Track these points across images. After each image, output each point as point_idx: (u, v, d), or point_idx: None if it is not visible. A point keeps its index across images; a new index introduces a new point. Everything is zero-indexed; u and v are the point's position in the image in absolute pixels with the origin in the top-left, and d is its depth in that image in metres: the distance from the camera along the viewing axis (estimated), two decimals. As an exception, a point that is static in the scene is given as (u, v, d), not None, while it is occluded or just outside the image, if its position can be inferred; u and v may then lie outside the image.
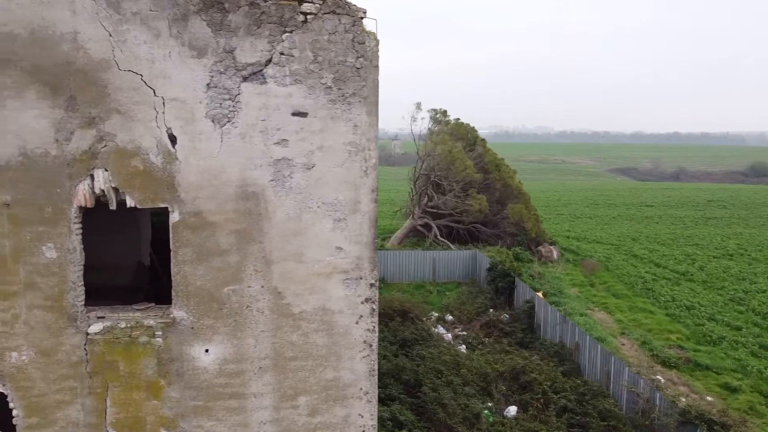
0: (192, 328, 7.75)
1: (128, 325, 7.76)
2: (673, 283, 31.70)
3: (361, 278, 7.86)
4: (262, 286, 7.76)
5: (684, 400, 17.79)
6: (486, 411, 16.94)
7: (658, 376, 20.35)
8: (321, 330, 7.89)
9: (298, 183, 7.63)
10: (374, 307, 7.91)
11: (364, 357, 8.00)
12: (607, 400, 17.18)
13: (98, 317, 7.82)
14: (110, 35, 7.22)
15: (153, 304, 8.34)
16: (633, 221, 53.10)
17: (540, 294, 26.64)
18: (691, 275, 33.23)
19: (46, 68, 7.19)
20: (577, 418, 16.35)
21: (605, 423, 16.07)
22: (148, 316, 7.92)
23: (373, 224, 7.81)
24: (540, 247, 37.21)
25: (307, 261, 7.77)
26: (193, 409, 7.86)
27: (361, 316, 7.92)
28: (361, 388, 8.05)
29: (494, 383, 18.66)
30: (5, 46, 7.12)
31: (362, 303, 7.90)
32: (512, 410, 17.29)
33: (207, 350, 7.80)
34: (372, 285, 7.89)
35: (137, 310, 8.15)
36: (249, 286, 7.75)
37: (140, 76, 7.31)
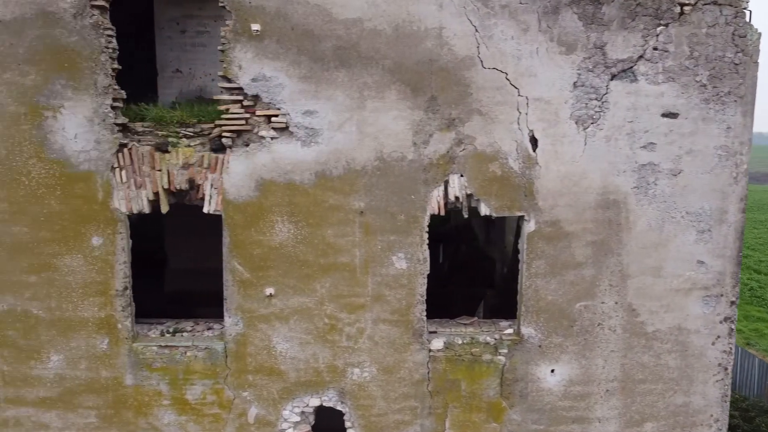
0: (539, 346, 7.17)
1: (464, 342, 7.23)
2: (781, 291, 30.18)
3: (721, 295, 7.17)
4: (616, 303, 7.14)
5: None
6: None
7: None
8: (674, 351, 7.23)
9: (662, 190, 6.98)
10: (733, 326, 7.22)
11: (717, 381, 7.31)
12: (778, 418, 16.15)
13: (430, 332, 7.31)
14: (476, 30, 6.67)
15: (475, 318, 7.81)
16: (713, 225, 51.04)
17: None
18: (798, 283, 31.62)
19: (408, 66, 6.70)
20: None
21: None
22: (482, 332, 7.38)
23: (739, 236, 7.11)
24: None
25: (665, 276, 7.11)
26: (534, 434, 7.30)
27: (718, 337, 7.23)
28: (711, 415, 7.37)
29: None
30: (369, 43, 6.65)
31: (721, 322, 7.21)
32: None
33: (552, 370, 7.22)
34: (732, 303, 7.19)
35: (463, 324, 7.63)
36: (602, 302, 7.13)
37: (504, 75, 6.75)
